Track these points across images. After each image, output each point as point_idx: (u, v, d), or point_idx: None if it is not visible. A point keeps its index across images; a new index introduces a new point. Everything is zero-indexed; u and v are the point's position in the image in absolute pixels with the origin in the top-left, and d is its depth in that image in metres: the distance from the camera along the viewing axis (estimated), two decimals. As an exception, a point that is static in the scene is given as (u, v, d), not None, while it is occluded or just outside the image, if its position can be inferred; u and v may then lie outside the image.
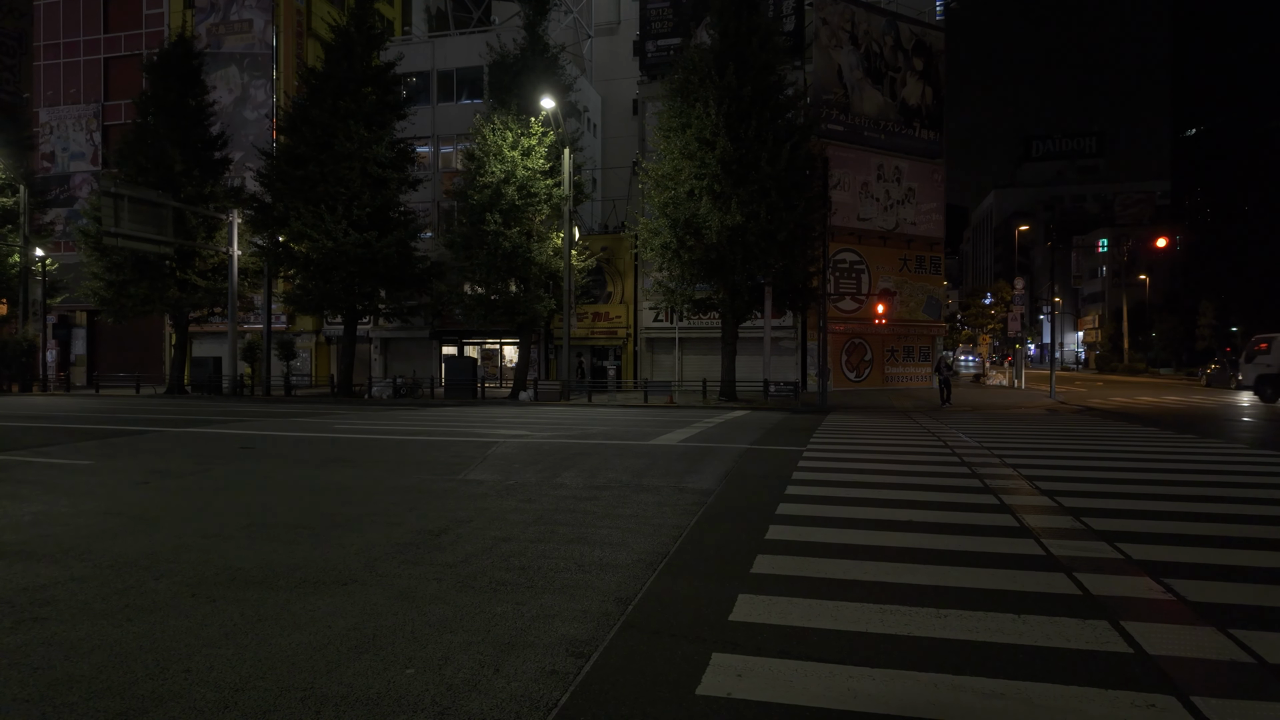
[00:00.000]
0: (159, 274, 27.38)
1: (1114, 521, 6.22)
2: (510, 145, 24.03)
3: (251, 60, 35.42)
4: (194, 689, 3.17)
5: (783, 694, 3.12)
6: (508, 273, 24.65)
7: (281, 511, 6.83)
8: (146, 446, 11.82)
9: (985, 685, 3.17)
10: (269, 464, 9.96)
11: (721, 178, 21.27)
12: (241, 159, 33.05)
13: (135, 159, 27.15)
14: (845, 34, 30.25)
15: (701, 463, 9.96)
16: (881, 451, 11.09)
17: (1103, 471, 9.01)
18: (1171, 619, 3.98)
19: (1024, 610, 4.08)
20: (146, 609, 4.18)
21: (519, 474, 8.98)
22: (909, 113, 32.03)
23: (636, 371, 30.65)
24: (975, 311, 64.05)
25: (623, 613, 4.11)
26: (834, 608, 4.16)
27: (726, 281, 22.66)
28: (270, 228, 25.97)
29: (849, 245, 29.83)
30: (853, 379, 30.50)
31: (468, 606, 4.22)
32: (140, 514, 6.74)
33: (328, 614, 4.09)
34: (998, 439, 12.80)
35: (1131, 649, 3.54)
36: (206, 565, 5.04)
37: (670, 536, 5.85)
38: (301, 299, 26.13)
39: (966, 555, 5.21)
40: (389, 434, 13.82)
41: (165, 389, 29.78)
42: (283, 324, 34.11)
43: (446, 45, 33.84)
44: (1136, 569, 4.87)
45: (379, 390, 26.79)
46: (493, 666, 3.40)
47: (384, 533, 5.98)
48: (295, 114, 25.78)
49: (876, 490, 7.71)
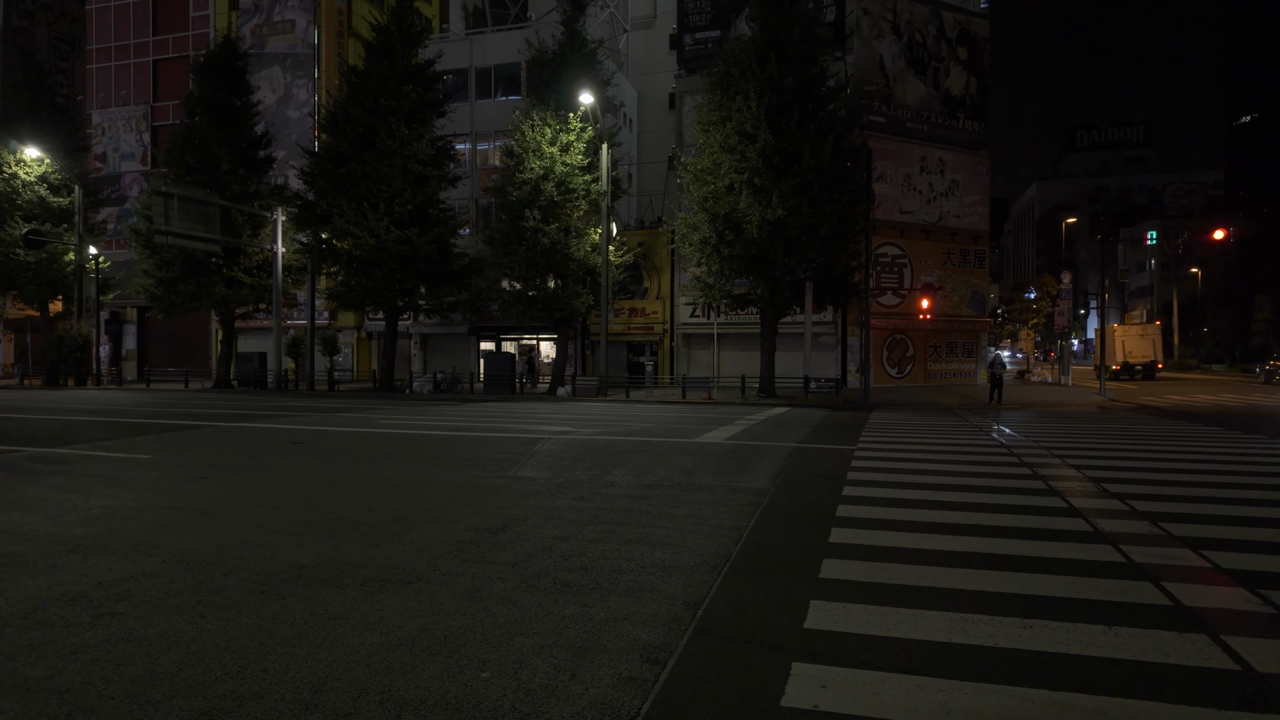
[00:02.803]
0: (206, 271, 28.01)
1: (1194, 527, 5.96)
2: (549, 141, 24.05)
3: (294, 60, 35.97)
4: (273, 689, 3.16)
5: (871, 707, 3.00)
6: (546, 269, 24.71)
7: (339, 507, 6.87)
8: (201, 441, 12.05)
9: (1086, 702, 3.01)
10: (321, 459, 10.07)
11: (762, 171, 20.99)
12: (285, 157, 33.59)
13: (183, 158, 27.78)
14: (887, 24, 29.68)
15: (751, 461, 9.82)
16: (936, 451, 10.83)
17: (1171, 473, 8.67)
18: (1277, 634, 3.77)
19: (1114, 621, 3.89)
20: (218, 606, 4.21)
21: (569, 471, 8.94)
22: (952, 103, 31.34)
23: (673, 367, 30.51)
24: (1018, 306, 62.60)
25: (693, 617, 4.02)
26: (912, 616, 4.02)
27: (766, 277, 22.39)
28: (313, 225, 26.37)
29: (891, 239, 29.32)
30: (894, 375, 30.00)
31: (535, 608, 4.17)
32: (202, 509, 6.83)
33: (397, 614, 4.07)
34: (1054, 438, 12.44)
35: (1239, 666, 3.35)
36: (271, 561, 5.07)
37: (730, 538, 5.75)
38: (344, 295, 26.53)
39: (1042, 561, 5.01)
40: (435, 430, 13.91)
41: (212, 384, 30.49)
42: (325, 320, 34.65)
43: (484, 42, 33.99)
44: (1228, 579, 4.64)
45: (419, 385, 27.07)
46: (568, 671, 3.33)
47: (443, 530, 5.97)
48: (337, 112, 26.12)
49: (937, 492, 7.50)
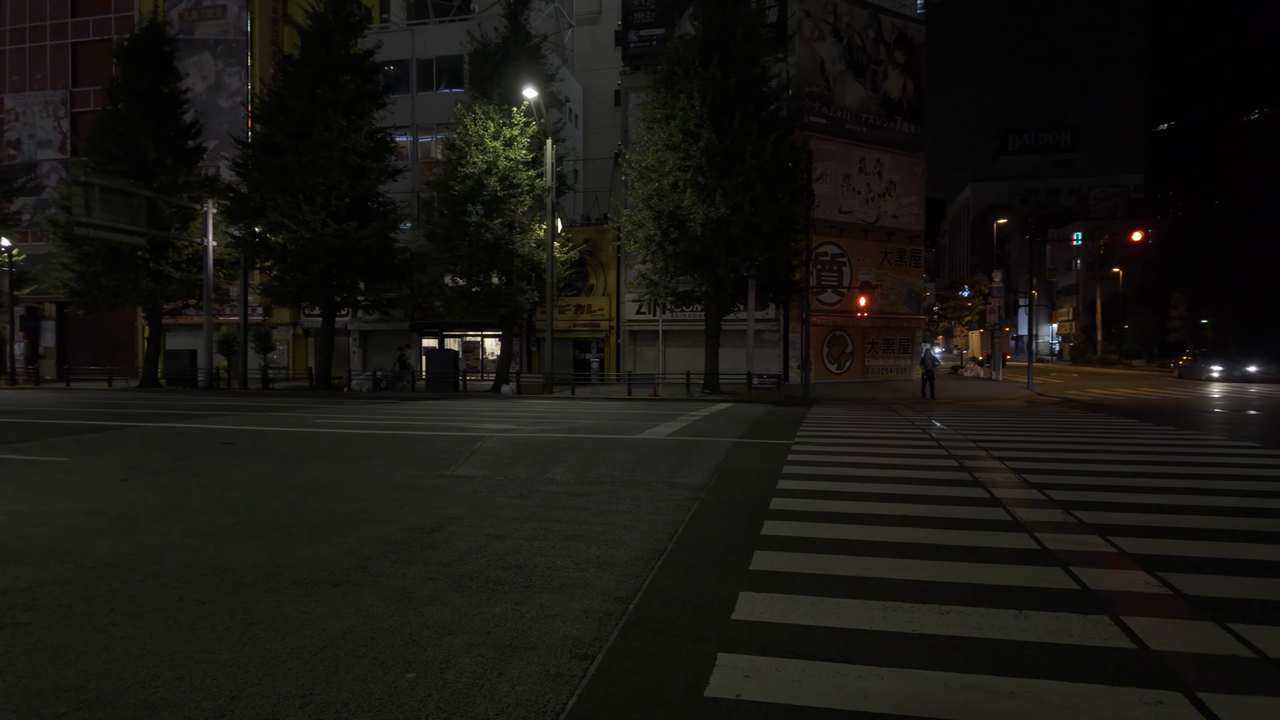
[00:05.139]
0: (132, 265, 26.76)
1: (1103, 515, 6.28)
2: (492, 135, 23.75)
3: (225, 47, 34.65)
4: (188, 696, 3.07)
5: (792, 695, 3.09)
6: (490, 265, 24.42)
7: (267, 509, 6.69)
8: (124, 442, 11.55)
9: (995, 684, 3.16)
10: (251, 460, 9.77)
11: (706, 170, 21.16)
12: (216, 148, 32.32)
13: (106, 147, 26.47)
14: (828, 26, 30.23)
15: (691, 457, 9.92)
16: (868, 445, 11.14)
17: (1087, 464, 9.11)
18: (1170, 614, 4.01)
19: (1025, 606, 4.09)
20: (134, 613, 4.06)
21: (508, 469, 8.89)
22: (890, 106, 32.12)
23: (619, 364, 30.54)
24: (953, 304, 64.64)
25: (624, 612, 4.06)
26: (836, 605, 4.14)
27: (710, 274, 22.60)
28: (246, 218, 25.45)
29: (831, 238, 29.91)
30: (834, 371, 30.64)
31: (465, 607, 4.15)
32: (121, 513, 6.56)
33: (322, 616, 4.00)
34: (981, 431, 12.92)
35: (1135, 645, 3.56)
36: (194, 566, 4.91)
37: (666, 533, 5.81)
38: (279, 291, 25.69)
39: (962, 550, 5.22)
40: (372, 429, 13.64)
41: (138, 383, 29.18)
42: (259, 316, 33.52)
43: (426, 33, 33.35)
44: (1131, 563, 4.91)
45: (358, 384, 26.44)
46: (496, 670, 3.33)
47: (374, 531, 5.87)
48: (272, 102, 25.26)
49: (867, 484, 7.72)
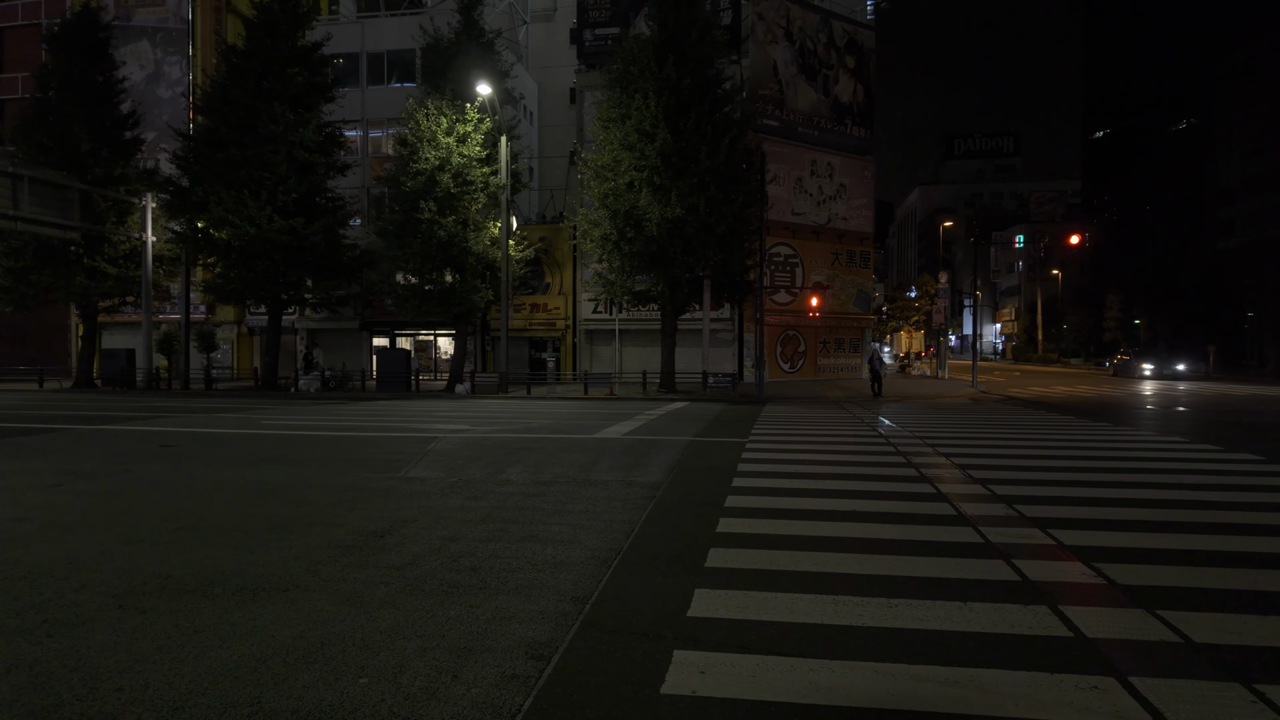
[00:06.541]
0: (64, 260, 25.64)
1: (1043, 508, 6.52)
2: (445, 131, 23.44)
3: (165, 35, 33.46)
4: (129, 709, 2.97)
5: (746, 690, 3.14)
6: (443, 262, 24.10)
7: (212, 514, 6.49)
8: (55, 446, 11.07)
9: (941, 674, 3.26)
10: (193, 463, 9.47)
11: (661, 170, 21.26)
12: (155, 140, 31.20)
13: (35, 137, 25.30)
14: (780, 29, 30.62)
15: (647, 456, 9.96)
16: (820, 442, 11.34)
17: (1028, 459, 9.44)
18: (1105, 602, 4.19)
19: (970, 598, 4.22)
20: (69, 623, 3.90)
21: (463, 470, 8.79)
22: (841, 110, 32.71)
23: (576, 363, 30.46)
24: (901, 304, 66.20)
25: (581, 612, 4.07)
26: (789, 600, 4.21)
27: (666, 274, 22.71)
28: (188, 213, 24.64)
29: (784, 239, 30.32)
30: (787, 370, 31.08)
31: (419, 611, 4.10)
32: (54, 519, 6.29)
33: (271, 622, 3.91)
34: (928, 428, 13.26)
35: (1071, 633, 3.71)
36: (133, 573, 4.74)
37: (622, 532, 5.83)
38: (222, 288, 24.93)
39: (910, 544, 5.36)
40: (321, 430, 13.33)
41: (72, 383, 27.99)
42: (202, 314, 32.49)
43: (377, 26, 32.71)
44: (1068, 554, 5.11)
45: (306, 384, 25.77)
46: (450, 673, 3.30)
47: (324, 535, 5.75)
48: (215, 94, 24.50)
49: (818, 481, 7.87)
